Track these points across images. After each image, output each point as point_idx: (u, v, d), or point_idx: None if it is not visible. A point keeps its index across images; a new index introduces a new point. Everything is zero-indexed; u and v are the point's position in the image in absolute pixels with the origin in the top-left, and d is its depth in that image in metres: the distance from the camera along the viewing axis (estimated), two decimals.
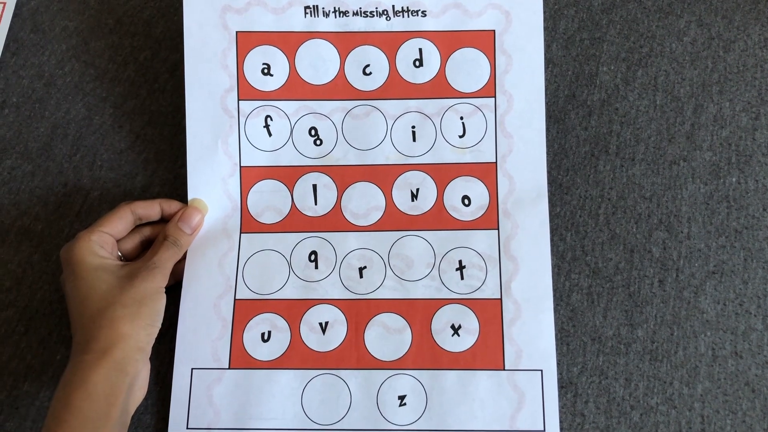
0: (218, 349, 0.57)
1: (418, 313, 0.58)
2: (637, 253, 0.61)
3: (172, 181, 0.64)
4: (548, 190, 0.63)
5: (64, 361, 0.58)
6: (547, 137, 0.64)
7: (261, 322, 0.57)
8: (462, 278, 0.58)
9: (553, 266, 0.61)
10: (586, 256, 0.62)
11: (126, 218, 0.57)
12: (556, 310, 0.60)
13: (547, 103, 0.66)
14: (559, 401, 0.57)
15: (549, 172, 0.64)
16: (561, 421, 0.56)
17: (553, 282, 0.60)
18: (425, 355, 0.57)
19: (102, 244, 0.54)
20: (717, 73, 0.67)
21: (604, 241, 0.62)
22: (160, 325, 0.53)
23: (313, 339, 0.57)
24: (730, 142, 0.64)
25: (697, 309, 0.60)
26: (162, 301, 0.54)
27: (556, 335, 0.59)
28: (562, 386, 0.58)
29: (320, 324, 0.58)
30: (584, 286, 0.61)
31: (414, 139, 0.60)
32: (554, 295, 0.60)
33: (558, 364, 0.58)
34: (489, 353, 0.56)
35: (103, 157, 0.65)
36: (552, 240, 0.62)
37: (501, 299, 0.58)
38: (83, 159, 0.65)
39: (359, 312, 0.58)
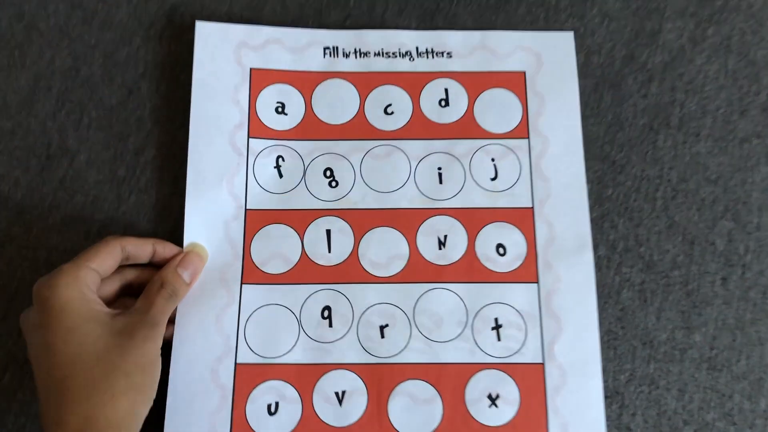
0: (217, 424, 0.46)
1: (449, 380, 0.47)
2: (698, 246, 0.51)
3: (169, 144, 0.53)
4: (600, 168, 0.52)
5: None
6: (600, 105, 0.53)
7: (267, 392, 0.47)
8: (498, 339, 0.48)
9: (602, 257, 0.51)
10: (640, 247, 0.51)
11: (115, 255, 0.45)
12: (603, 308, 0.50)
13: (601, 65, 0.54)
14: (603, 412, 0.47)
15: (601, 147, 0.52)
16: None
17: (601, 276, 0.50)
18: (459, 430, 0.47)
19: (90, 284, 0.43)
20: None
21: (661, 230, 0.51)
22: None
23: (328, 412, 0.47)
24: None
25: (764, 312, 0.50)
26: (159, 368, 0.43)
27: (602, 337, 0.49)
28: (607, 396, 0.48)
29: (336, 394, 0.47)
30: (636, 282, 0.50)
31: (440, 182, 0.51)
32: (602, 292, 0.50)
33: (603, 370, 0.48)
34: (531, 427, 0.46)
35: (92, 115, 0.54)
36: (602, 227, 0.51)
37: (543, 364, 0.48)
38: (69, 116, 0.54)
39: (381, 379, 0.47)
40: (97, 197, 0.52)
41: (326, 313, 0.49)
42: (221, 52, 0.53)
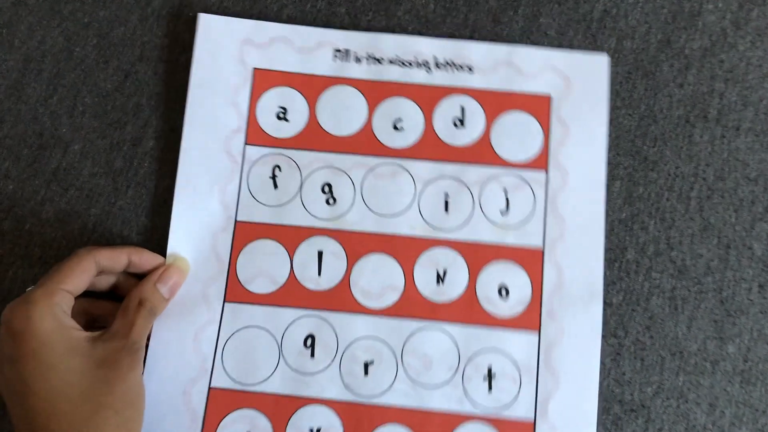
0: None
1: (432, 428, 0.44)
2: (734, 250, 0.47)
3: (168, 133, 0.49)
4: (630, 164, 0.48)
5: None
6: (632, 95, 0.48)
7: (239, 420, 0.44)
8: (490, 390, 0.44)
9: (631, 261, 0.47)
10: (672, 250, 0.47)
11: (89, 271, 0.41)
12: (630, 316, 0.46)
13: (634, 51, 0.50)
14: (628, 427, 0.45)
15: (632, 141, 0.48)
16: None
17: (629, 282, 0.46)
18: None
19: (66, 308, 0.39)
20: None
21: (695, 232, 0.47)
22: None
23: None
24: None
25: None
26: (144, 396, 0.40)
27: (629, 347, 0.46)
28: (632, 409, 0.45)
29: (311, 430, 0.44)
30: (667, 288, 0.47)
31: (446, 210, 0.47)
32: (630, 298, 0.46)
33: (629, 382, 0.45)
34: None
35: (86, 101, 0.50)
36: (631, 229, 0.47)
37: (534, 422, 0.44)
38: (61, 102, 0.50)
39: (360, 419, 0.44)
40: (93, 190, 0.49)
41: (309, 342, 0.45)
42: (224, 49, 0.48)
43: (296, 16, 0.51)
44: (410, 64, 0.48)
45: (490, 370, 0.45)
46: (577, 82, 0.48)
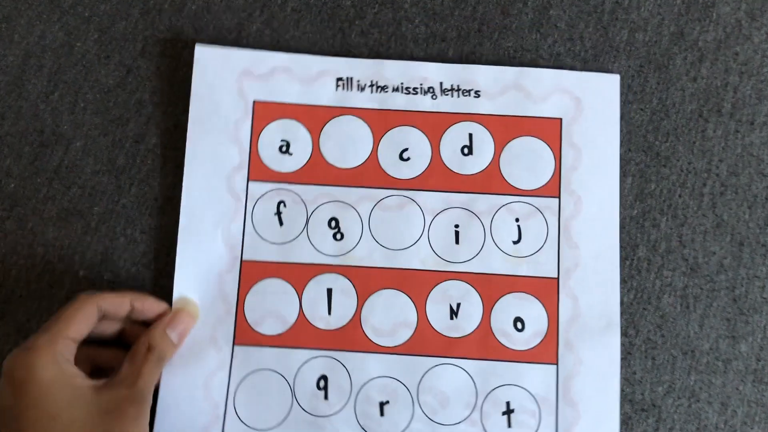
0: None
1: None
2: (747, 247, 0.46)
3: (171, 130, 0.48)
4: (642, 160, 0.47)
5: None
6: (644, 89, 0.47)
7: None
8: (509, 425, 0.43)
9: (642, 259, 0.46)
10: (684, 248, 0.46)
11: (91, 318, 0.40)
12: (642, 315, 0.45)
13: (647, 43, 0.48)
14: (639, 427, 0.44)
15: (644, 136, 0.47)
16: None
17: (641, 280, 0.45)
18: None
19: (69, 356, 0.38)
20: None
21: (708, 229, 0.46)
22: None
23: None
24: None
25: None
26: None
27: (640, 346, 0.45)
28: (643, 409, 0.44)
29: None
30: (678, 286, 0.46)
31: (457, 242, 0.45)
32: (641, 297, 0.45)
33: (640, 381, 0.45)
34: None
35: (87, 97, 0.49)
36: (643, 226, 0.46)
37: None
38: (62, 98, 0.49)
39: None
40: (96, 188, 0.48)
41: (322, 384, 0.44)
42: (222, 81, 0.47)
43: (301, 8, 0.49)
44: (415, 90, 0.47)
45: (508, 405, 0.44)
46: (588, 104, 0.46)
